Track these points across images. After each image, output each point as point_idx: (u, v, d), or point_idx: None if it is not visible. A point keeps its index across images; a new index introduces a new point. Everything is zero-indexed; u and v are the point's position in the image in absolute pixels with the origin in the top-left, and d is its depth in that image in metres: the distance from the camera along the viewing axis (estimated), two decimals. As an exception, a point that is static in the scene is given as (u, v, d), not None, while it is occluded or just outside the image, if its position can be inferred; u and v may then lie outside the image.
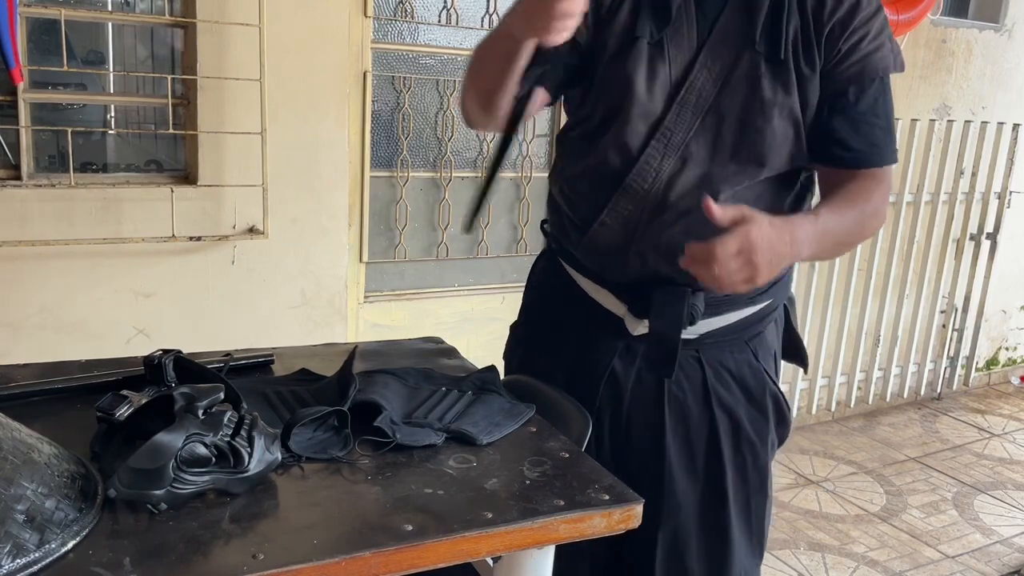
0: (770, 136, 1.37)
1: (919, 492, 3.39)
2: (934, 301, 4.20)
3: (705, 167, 1.38)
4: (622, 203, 1.41)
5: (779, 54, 1.35)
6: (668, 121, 1.37)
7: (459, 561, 1.12)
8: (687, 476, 1.50)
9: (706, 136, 1.38)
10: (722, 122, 1.37)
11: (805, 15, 1.37)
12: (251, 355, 1.62)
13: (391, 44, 2.85)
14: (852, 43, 1.37)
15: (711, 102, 1.37)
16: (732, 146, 1.38)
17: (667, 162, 1.38)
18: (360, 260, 2.91)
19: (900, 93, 3.84)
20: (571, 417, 1.50)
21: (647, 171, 1.38)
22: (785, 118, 1.37)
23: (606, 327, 1.50)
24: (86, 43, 2.51)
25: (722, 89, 1.37)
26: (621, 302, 1.48)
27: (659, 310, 1.42)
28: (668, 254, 1.38)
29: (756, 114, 1.36)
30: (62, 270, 2.39)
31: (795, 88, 1.36)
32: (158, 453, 1.07)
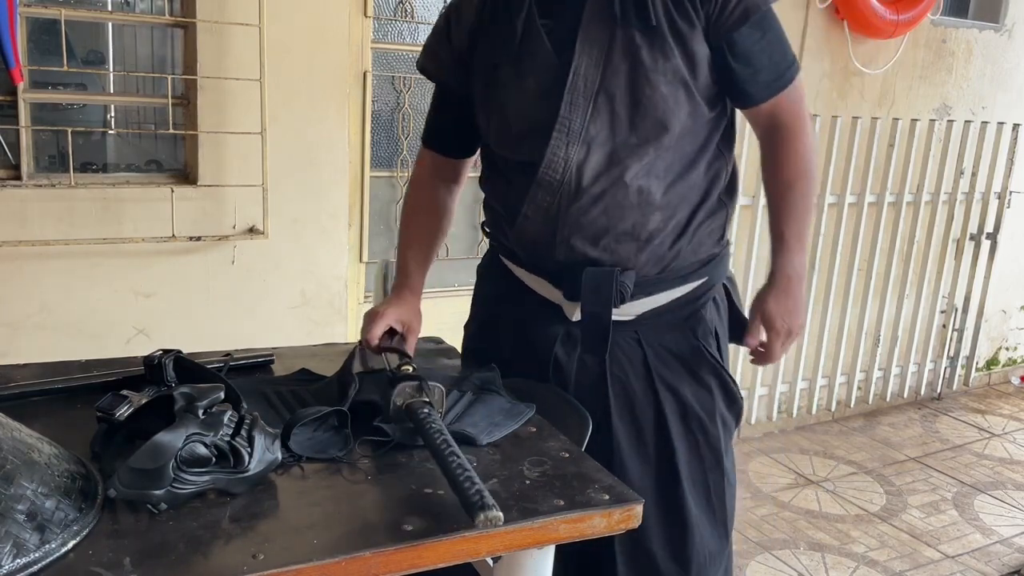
0: (660, 102, 1.41)
1: (919, 492, 3.39)
2: (934, 301, 4.20)
3: (609, 146, 1.43)
4: (540, 195, 1.47)
5: (650, 22, 1.40)
6: (563, 111, 1.42)
7: (459, 561, 1.12)
8: (638, 457, 1.53)
9: (602, 117, 1.42)
10: (613, 100, 1.42)
11: None
12: (251, 355, 1.63)
13: (391, 44, 2.85)
14: None
15: (598, 84, 1.41)
16: (629, 120, 1.42)
17: (572, 150, 1.43)
18: (360, 260, 2.91)
19: (900, 93, 3.85)
20: (571, 417, 1.50)
21: (556, 162, 1.44)
22: (671, 82, 1.41)
23: (547, 315, 1.55)
24: (86, 43, 2.51)
25: (605, 69, 1.41)
26: (556, 288, 1.53)
27: (588, 290, 1.48)
28: (591, 237, 1.46)
29: (643, 85, 1.41)
30: (62, 270, 2.39)
31: (675, 50, 1.41)
32: (158, 453, 1.07)
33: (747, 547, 2.89)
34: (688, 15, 1.41)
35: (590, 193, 1.44)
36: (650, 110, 1.41)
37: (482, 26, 1.52)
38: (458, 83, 1.58)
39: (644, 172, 1.44)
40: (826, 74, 3.60)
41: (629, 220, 1.45)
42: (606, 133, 1.43)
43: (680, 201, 1.48)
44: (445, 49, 1.57)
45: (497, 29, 1.49)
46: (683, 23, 1.41)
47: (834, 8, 3.51)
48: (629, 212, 1.43)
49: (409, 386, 1.32)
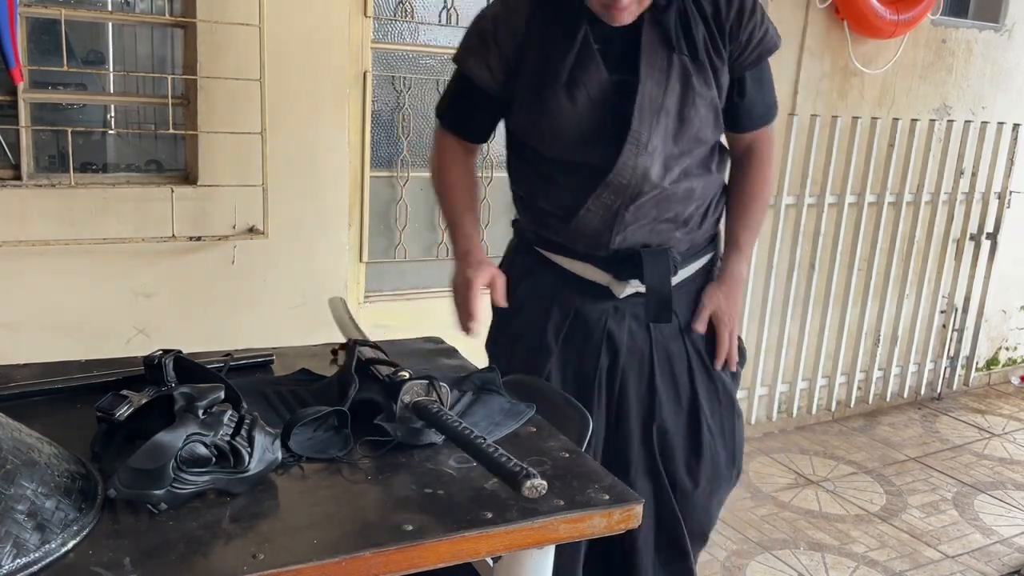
0: (699, 121, 1.70)
1: (919, 492, 3.39)
2: (934, 301, 4.20)
3: (664, 155, 1.69)
4: (605, 195, 1.70)
5: (698, 55, 1.68)
6: (634, 125, 1.65)
7: (459, 561, 1.12)
8: (673, 404, 1.83)
9: (660, 131, 1.67)
10: (668, 116, 1.68)
11: (707, 21, 1.70)
12: (251, 355, 1.63)
13: (391, 44, 2.85)
14: (748, 34, 1.72)
15: (660, 102, 1.66)
16: (675, 134, 1.69)
17: (641, 159, 1.67)
18: (360, 260, 2.91)
19: (900, 93, 3.85)
20: (571, 417, 1.50)
21: (626, 169, 1.67)
22: (708, 105, 1.71)
23: (595, 295, 1.79)
24: (86, 43, 2.51)
25: (666, 90, 1.67)
26: (606, 272, 1.78)
27: (650, 269, 1.74)
28: (645, 226, 1.73)
29: (689, 106, 1.69)
30: (62, 270, 2.39)
31: (711, 80, 1.70)
32: (158, 453, 1.07)
33: (747, 547, 2.89)
34: (720, 52, 1.71)
35: (650, 193, 1.70)
36: (691, 127, 1.70)
37: (531, 38, 1.70)
38: (499, 86, 1.75)
39: (686, 174, 1.73)
40: (826, 74, 3.60)
41: (674, 210, 1.75)
42: (662, 144, 1.68)
43: (707, 193, 1.80)
44: (494, 53, 1.72)
45: (550, 43, 1.68)
46: (716, 58, 1.71)
47: (834, 8, 3.51)
48: (675, 204, 1.74)
49: (418, 385, 1.32)
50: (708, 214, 1.82)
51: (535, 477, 1.12)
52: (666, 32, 1.66)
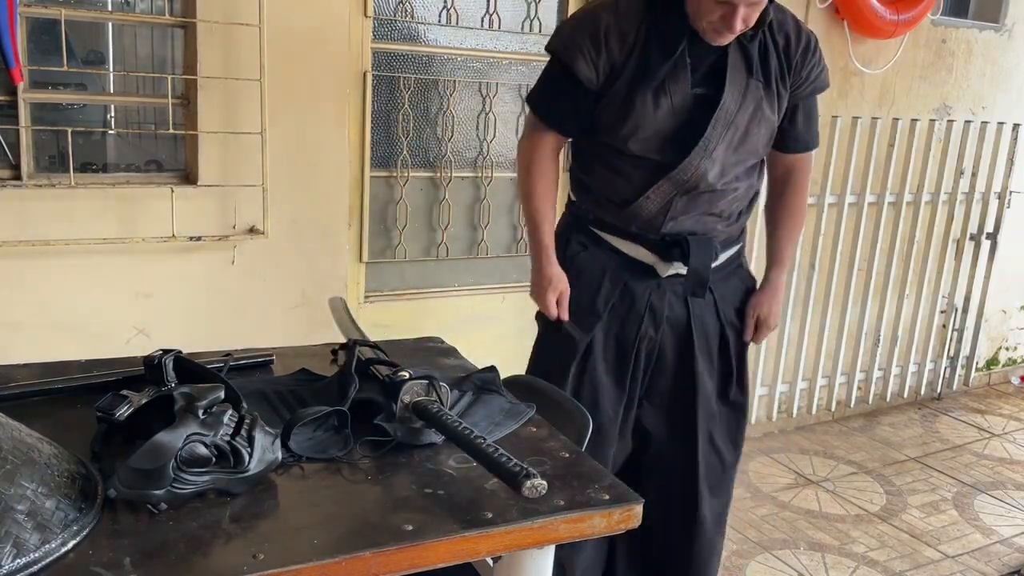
0: (758, 139, 1.99)
1: (919, 492, 3.39)
2: (934, 301, 4.20)
3: (723, 161, 1.95)
4: (665, 187, 1.95)
5: (771, 82, 1.95)
6: (708, 133, 1.90)
7: (459, 561, 1.13)
8: (708, 372, 2.11)
9: (725, 140, 1.93)
10: (736, 131, 1.94)
11: (779, 53, 1.97)
12: (251, 355, 1.63)
13: (391, 44, 2.85)
14: (808, 70, 2.01)
15: (733, 117, 1.92)
16: (736, 146, 1.95)
17: (704, 162, 1.93)
18: (360, 260, 2.91)
19: (900, 93, 3.85)
20: (571, 417, 1.50)
21: (689, 168, 1.93)
22: (768, 126, 1.99)
23: (641, 272, 2.05)
24: (86, 43, 2.50)
25: (740, 108, 1.93)
26: (652, 253, 2.03)
27: (695, 254, 2.01)
28: (693, 217, 2.00)
29: (755, 125, 1.96)
30: (62, 270, 2.39)
31: (775, 105, 1.98)
32: (158, 453, 1.07)
33: (747, 547, 2.89)
34: (785, 81, 1.98)
35: (704, 189, 1.96)
36: (751, 142, 1.97)
37: (637, 44, 1.90)
38: (598, 84, 1.93)
39: (735, 177, 2.00)
40: (826, 74, 3.60)
41: (720, 206, 2.02)
42: (723, 152, 1.94)
43: (747, 195, 2.08)
44: (603, 56, 1.91)
45: (651, 50, 1.89)
46: (781, 86, 1.98)
47: (834, 8, 3.51)
48: (722, 201, 2.01)
49: (418, 385, 1.32)
50: (743, 212, 2.11)
51: (535, 477, 1.12)
52: (749, 59, 1.92)
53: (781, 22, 1.99)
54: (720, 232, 2.05)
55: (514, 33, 3.06)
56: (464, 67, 3.00)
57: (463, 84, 3.00)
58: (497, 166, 3.13)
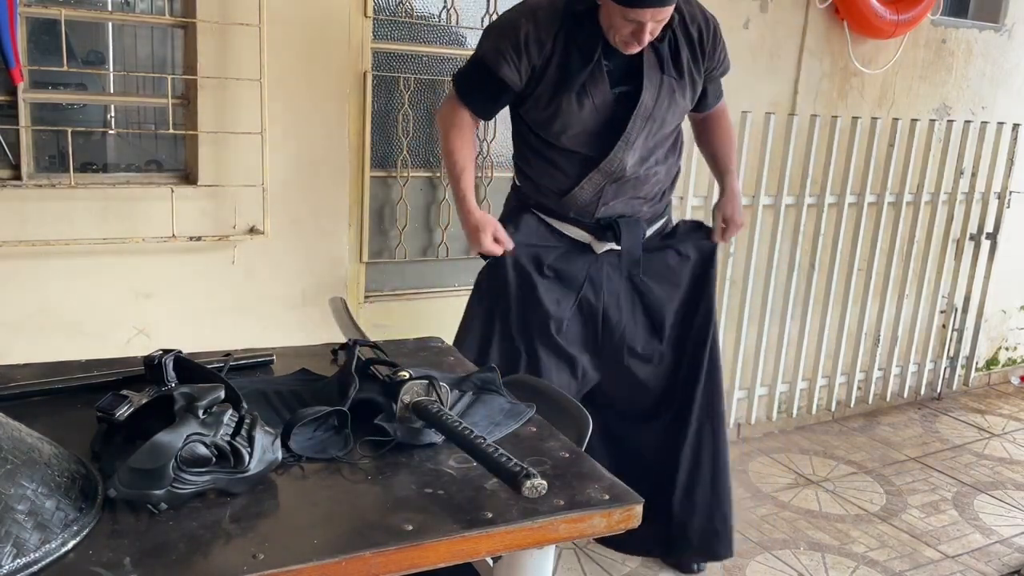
0: (672, 122, 2.28)
1: (919, 492, 3.39)
2: (934, 301, 4.20)
3: (643, 149, 2.24)
4: (596, 177, 2.25)
5: (683, 74, 2.23)
6: (629, 128, 2.18)
7: (459, 561, 1.13)
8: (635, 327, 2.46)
9: (645, 131, 2.22)
10: (653, 123, 2.22)
11: (691, 44, 2.23)
12: (251, 355, 1.63)
13: (391, 44, 2.84)
14: (720, 53, 2.29)
15: (651, 111, 2.20)
16: (654, 134, 2.24)
17: (627, 154, 2.22)
18: (360, 260, 2.91)
19: (900, 93, 3.86)
20: (571, 417, 1.50)
21: (615, 160, 2.22)
22: (680, 111, 2.29)
23: (580, 249, 2.35)
24: (86, 43, 2.50)
25: (656, 102, 2.20)
26: (588, 234, 2.34)
27: (626, 235, 2.32)
28: (622, 201, 2.30)
29: (670, 114, 2.25)
30: (62, 270, 2.39)
31: (688, 92, 2.26)
32: (158, 453, 1.07)
33: (747, 547, 2.89)
34: (699, 67, 2.27)
35: (629, 177, 2.26)
36: (666, 127, 2.26)
37: (556, 51, 2.14)
38: (519, 85, 2.19)
39: (656, 161, 2.29)
40: (826, 74, 3.60)
41: (644, 190, 2.31)
42: (642, 142, 2.22)
43: (667, 176, 2.38)
44: (524, 61, 2.15)
45: (569, 58, 2.14)
46: (695, 73, 2.26)
47: (834, 8, 3.51)
48: (645, 186, 2.31)
49: (418, 385, 1.33)
50: (667, 191, 2.41)
51: (535, 477, 1.12)
52: (661, 57, 2.18)
53: (692, 15, 2.22)
54: (646, 212, 2.36)
55: (514, 33, 3.05)
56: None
57: (463, 84, 3.00)
58: (497, 166, 3.13)
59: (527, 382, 1.65)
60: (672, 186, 2.44)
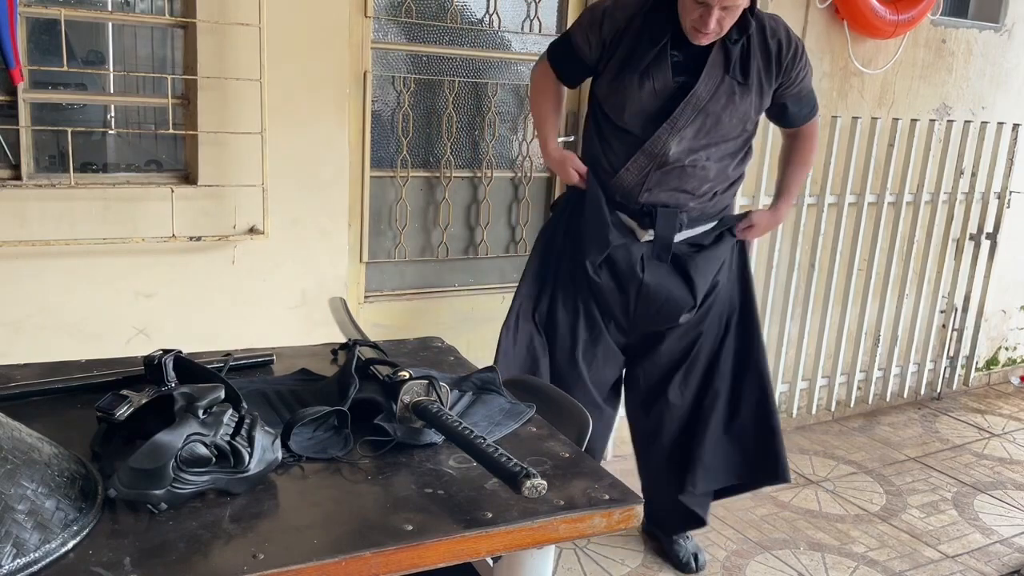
0: (730, 128, 2.32)
1: (919, 492, 3.39)
2: (934, 301, 4.20)
3: (690, 141, 2.30)
4: (640, 159, 2.32)
5: (747, 81, 2.29)
6: (676, 113, 2.26)
7: (459, 561, 1.13)
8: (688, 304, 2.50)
9: (694, 124, 2.28)
10: (707, 117, 2.28)
11: (767, 56, 2.30)
12: (251, 355, 1.63)
13: (391, 44, 2.85)
14: (795, 74, 2.36)
15: (703, 105, 2.26)
16: (707, 131, 2.29)
17: (671, 138, 2.28)
18: (360, 260, 2.91)
19: (900, 93, 3.85)
20: (571, 417, 1.50)
21: (657, 142, 2.29)
22: (741, 117, 2.32)
23: (625, 232, 2.42)
24: (86, 43, 2.50)
25: (712, 98, 2.26)
26: (632, 220, 2.41)
27: (661, 223, 2.38)
28: (666, 190, 2.35)
29: (727, 115, 2.29)
30: (62, 270, 2.39)
31: (752, 100, 2.32)
32: (158, 453, 1.07)
33: (747, 547, 2.90)
34: (770, 81, 2.33)
35: (672, 164, 2.31)
36: (722, 129, 2.31)
37: (627, 32, 2.27)
38: (593, 60, 2.35)
39: (705, 158, 2.33)
40: (826, 74, 3.60)
41: (691, 183, 2.35)
42: (692, 134, 2.28)
43: (720, 176, 2.39)
44: (595, 36, 2.32)
45: (639, 40, 2.26)
46: (766, 85, 2.32)
47: (834, 8, 3.51)
48: (692, 179, 2.34)
49: (418, 385, 1.33)
50: (719, 193, 2.42)
51: (535, 477, 1.12)
52: (729, 58, 2.25)
53: (774, 29, 2.32)
54: (692, 208, 2.39)
55: (514, 33, 3.06)
56: (464, 67, 3.00)
57: (463, 84, 3.00)
58: (497, 166, 3.13)
59: (527, 382, 1.65)
60: (728, 191, 2.46)
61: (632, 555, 2.80)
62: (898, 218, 3.86)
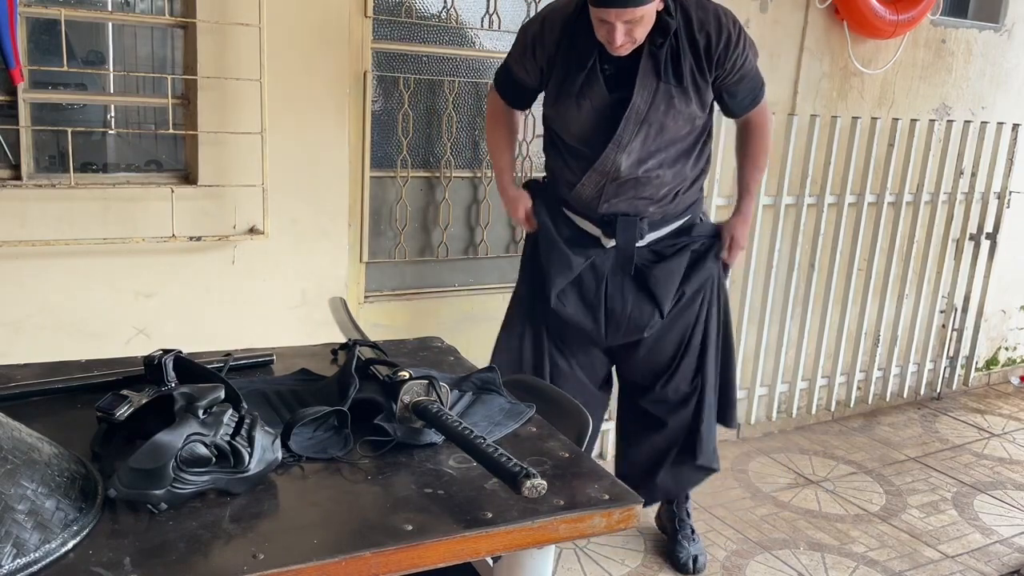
0: (675, 129, 2.29)
1: (919, 492, 3.39)
2: (934, 301, 4.20)
3: (639, 153, 2.29)
4: (593, 176, 2.34)
5: (683, 81, 2.24)
6: (620, 130, 2.25)
7: (459, 561, 1.13)
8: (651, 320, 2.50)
9: (640, 136, 2.27)
10: (650, 126, 2.26)
11: (697, 52, 2.23)
12: (251, 355, 1.63)
13: (391, 44, 2.85)
14: (732, 63, 2.27)
15: (644, 116, 2.24)
16: (654, 138, 2.28)
17: (619, 155, 2.29)
18: (360, 260, 2.91)
19: (900, 93, 3.86)
20: (571, 417, 1.50)
21: (607, 160, 2.30)
22: (686, 118, 2.29)
23: (590, 240, 2.45)
24: (86, 43, 2.50)
25: (650, 107, 2.24)
26: (597, 228, 2.43)
27: (621, 233, 2.40)
28: (623, 200, 2.37)
29: (670, 119, 2.27)
30: (62, 270, 2.39)
31: (692, 99, 2.27)
32: (158, 453, 1.07)
33: (747, 547, 2.90)
34: (705, 76, 2.27)
35: (624, 177, 2.32)
36: (668, 134, 2.28)
37: (558, 56, 2.28)
38: (535, 84, 2.41)
39: (658, 165, 2.32)
40: (826, 74, 3.60)
41: (647, 191, 2.35)
42: (639, 145, 2.28)
43: (678, 178, 2.38)
44: (531, 64, 2.35)
45: (569, 62, 2.26)
46: (700, 81, 2.26)
47: (834, 8, 3.51)
48: (647, 187, 2.35)
49: (418, 385, 1.33)
50: (680, 194, 2.42)
51: (535, 477, 1.12)
52: (657, 64, 2.21)
53: (702, 21, 2.22)
54: (653, 213, 2.40)
55: (514, 33, 3.05)
56: (464, 67, 3.00)
57: (463, 84, 3.00)
58: (497, 166, 3.13)
59: (527, 382, 1.65)
60: (692, 188, 2.45)
61: (632, 555, 2.80)
62: (898, 218, 3.86)
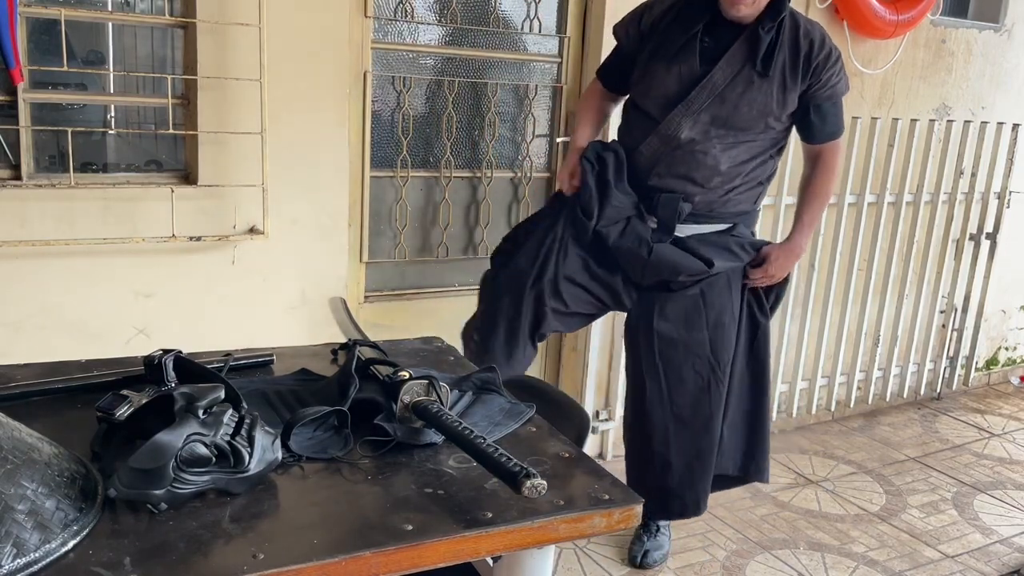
0: (746, 119, 2.33)
1: (919, 492, 3.39)
2: (934, 301, 4.20)
3: (704, 127, 2.33)
4: (653, 141, 2.38)
5: (768, 72, 2.30)
6: (692, 95, 2.31)
7: (459, 561, 1.13)
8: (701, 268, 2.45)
9: (710, 109, 2.32)
10: (723, 104, 2.31)
11: (796, 53, 2.31)
12: (251, 355, 1.63)
13: (391, 44, 2.85)
14: (826, 78, 2.35)
15: (720, 91, 2.30)
16: (724, 119, 2.33)
17: (684, 120, 2.33)
18: (360, 260, 2.91)
19: (900, 93, 3.85)
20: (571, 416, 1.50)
21: (672, 124, 2.34)
22: (760, 110, 2.33)
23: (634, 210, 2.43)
24: (86, 43, 2.50)
25: (728, 85, 2.30)
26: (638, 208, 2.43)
27: (661, 208, 2.41)
28: (673, 175, 2.39)
29: (744, 104, 2.31)
30: (62, 270, 2.39)
31: (773, 94, 2.32)
32: (158, 453, 1.07)
33: (747, 547, 2.90)
34: (796, 79, 2.33)
35: (683, 149, 2.35)
36: (738, 120, 2.33)
37: (663, 24, 2.37)
38: (633, 50, 2.46)
39: (718, 150, 2.35)
40: (826, 74, 3.60)
41: (700, 172, 2.36)
42: (707, 119, 2.32)
43: (733, 172, 2.39)
44: (635, 28, 2.44)
45: (671, 30, 2.35)
46: (790, 81, 2.33)
47: (834, 8, 3.51)
48: (701, 168, 2.36)
49: (418, 385, 1.33)
50: (732, 192, 2.42)
51: (535, 477, 1.12)
52: (754, 50, 2.28)
53: (808, 30, 2.34)
54: (699, 201, 2.40)
55: (514, 33, 3.06)
56: (464, 67, 3.00)
57: (463, 84, 3.00)
58: (497, 166, 3.13)
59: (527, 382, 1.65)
60: (745, 195, 2.44)
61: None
62: (898, 218, 3.86)
